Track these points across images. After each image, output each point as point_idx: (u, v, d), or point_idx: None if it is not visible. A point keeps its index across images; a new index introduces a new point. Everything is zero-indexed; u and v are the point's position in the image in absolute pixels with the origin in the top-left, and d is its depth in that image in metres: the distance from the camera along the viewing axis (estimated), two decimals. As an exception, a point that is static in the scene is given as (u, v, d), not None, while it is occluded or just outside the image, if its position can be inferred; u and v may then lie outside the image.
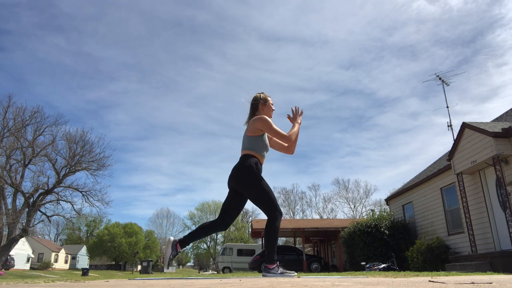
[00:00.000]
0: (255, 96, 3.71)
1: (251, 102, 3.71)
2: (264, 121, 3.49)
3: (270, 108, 3.70)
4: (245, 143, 3.58)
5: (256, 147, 3.51)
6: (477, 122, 10.01)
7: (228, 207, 3.55)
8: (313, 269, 20.61)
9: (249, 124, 3.59)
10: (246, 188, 3.45)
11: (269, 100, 3.70)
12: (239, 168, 3.46)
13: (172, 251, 3.54)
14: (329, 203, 57.80)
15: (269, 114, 3.67)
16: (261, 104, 3.66)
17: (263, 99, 3.68)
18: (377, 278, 3.00)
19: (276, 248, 3.39)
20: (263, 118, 3.51)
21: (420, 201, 13.54)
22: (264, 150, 3.58)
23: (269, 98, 3.71)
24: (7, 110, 23.30)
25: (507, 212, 8.56)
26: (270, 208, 3.39)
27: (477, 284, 1.85)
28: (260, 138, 3.52)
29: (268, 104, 3.68)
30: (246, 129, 3.60)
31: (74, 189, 24.74)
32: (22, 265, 44.08)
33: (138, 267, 52.95)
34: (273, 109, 3.73)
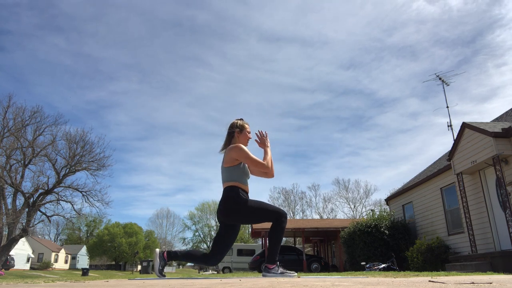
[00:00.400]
0: (232, 123, 3.67)
1: (228, 130, 3.66)
2: (239, 150, 3.43)
3: (246, 136, 3.63)
4: (224, 175, 3.52)
5: (236, 177, 3.45)
6: (477, 122, 10.01)
7: (220, 241, 3.51)
8: (313, 269, 20.60)
9: (224, 154, 3.53)
10: (239, 219, 3.45)
11: (246, 128, 3.64)
12: (224, 203, 3.43)
13: (160, 262, 3.51)
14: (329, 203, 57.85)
15: (245, 143, 3.61)
16: (237, 133, 3.60)
17: (239, 127, 3.62)
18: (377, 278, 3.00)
19: (279, 249, 3.40)
20: (238, 147, 3.44)
21: (420, 201, 13.54)
22: (246, 178, 3.54)
23: (246, 126, 3.66)
24: (7, 110, 23.34)
25: (507, 212, 8.56)
26: (270, 216, 3.39)
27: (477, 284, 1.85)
28: (237, 167, 3.46)
29: (244, 132, 3.62)
30: (223, 160, 3.53)
31: (74, 189, 24.76)
32: (22, 265, 44.08)
33: (138, 267, 52.98)
34: (249, 137, 3.66)
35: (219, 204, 3.51)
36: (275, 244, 3.37)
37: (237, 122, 3.67)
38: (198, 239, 66.11)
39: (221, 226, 3.56)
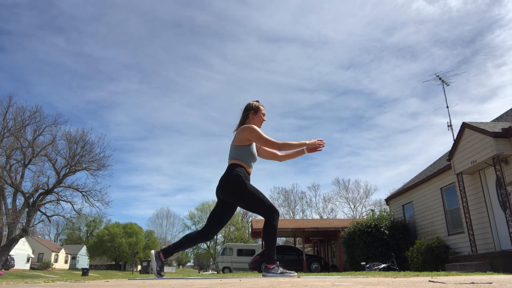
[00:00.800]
0: (247, 104, 3.66)
1: (243, 111, 3.66)
2: (252, 130, 3.41)
3: (261, 118, 3.63)
4: (231, 152, 3.51)
5: (242, 157, 3.45)
6: (477, 122, 10.01)
7: (216, 218, 3.50)
8: (313, 269, 20.60)
9: (236, 133, 3.52)
10: (235, 198, 3.41)
11: (261, 110, 3.64)
12: (225, 178, 3.42)
13: (157, 262, 3.51)
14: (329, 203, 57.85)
15: (258, 124, 3.60)
16: (251, 114, 3.59)
17: (254, 108, 3.61)
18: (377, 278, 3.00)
19: (275, 247, 3.37)
20: (251, 128, 3.43)
21: (420, 201, 13.54)
22: (252, 160, 3.52)
23: (261, 107, 3.65)
24: (7, 110, 23.32)
25: (507, 212, 8.56)
26: (265, 210, 3.36)
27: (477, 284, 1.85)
28: (247, 148, 3.46)
29: (259, 114, 3.61)
30: (233, 139, 3.52)
31: (74, 189, 24.75)
32: (22, 265, 44.07)
33: (138, 267, 52.97)
34: (263, 119, 3.66)
35: (220, 180, 3.47)
36: (271, 243, 3.34)
37: (253, 103, 3.66)
38: (198, 239, 65.92)
39: (218, 202, 3.54)
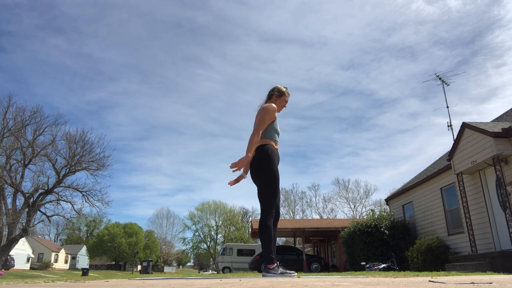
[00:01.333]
0: (274, 87, 3.81)
1: (269, 91, 3.82)
2: (262, 109, 3.58)
3: (282, 103, 3.77)
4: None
5: (267, 134, 3.59)
6: (477, 122, 10.01)
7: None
8: (313, 269, 20.60)
9: (257, 114, 3.66)
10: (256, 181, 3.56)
11: (285, 96, 3.78)
12: (253, 160, 3.53)
13: (278, 271, 3.33)
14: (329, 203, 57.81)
15: (279, 107, 3.75)
16: (275, 96, 3.75)
17: (279, 91, 3.76)
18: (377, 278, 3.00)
19: (272, 246, 3.35)
20: (264, 108, 3.59)
21: (420, 201, 13.54)
22: (275, 135, 3.67)
23: (286, 94, 3.79)
24: (7, 110, 23.32)
25: (507, 212, 8.56)
26: (267, 204, 3.42)
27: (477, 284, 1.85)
28: (270, 125, 3.59)
29: (282, 98, 3.76)
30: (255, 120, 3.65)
31: (74, 189, 24.73)
32: (22, 265, 44.06)
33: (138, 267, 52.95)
34: (285, 105, 3.81)
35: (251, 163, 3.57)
36: (266, 242, 3.35)
37: (280, 87, 3.80)
38: (198, 239, 66.06)
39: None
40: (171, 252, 72.26)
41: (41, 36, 68.65)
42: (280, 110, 3.79)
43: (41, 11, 66.35)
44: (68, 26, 68.47)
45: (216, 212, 64.67)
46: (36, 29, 67.79)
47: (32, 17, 65.43)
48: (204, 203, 65.78)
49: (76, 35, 69.29)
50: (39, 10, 66.18)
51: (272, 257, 3.30)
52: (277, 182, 3.49)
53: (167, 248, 70.73)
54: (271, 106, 3.60)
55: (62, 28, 68.45)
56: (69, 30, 68.74)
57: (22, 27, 64.99)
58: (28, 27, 65.98)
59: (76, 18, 66.84)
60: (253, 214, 65.36)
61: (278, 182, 3.51)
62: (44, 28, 69.14)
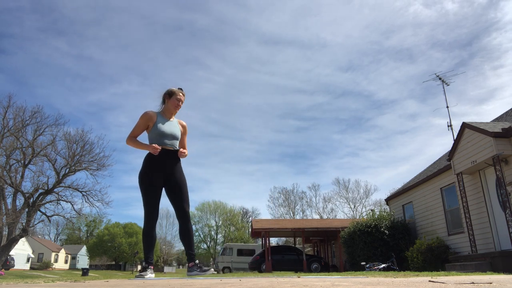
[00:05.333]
0: (166, 90, 3.92)
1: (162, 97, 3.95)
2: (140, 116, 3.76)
3: (174, 102, 3.84)
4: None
5: (148, 140, 3.76)
6: (477, 122, 10.00)
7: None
8: (313, 269, 20.58)
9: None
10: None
11: (175, 94, 3.86)
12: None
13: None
14: (329, 203, 57.72)
15: (173, 107, 3.86)
16: (166, 98, 3.88)
17: (168, 93, 3.87)
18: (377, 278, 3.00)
19: (149, 252, 3.62)
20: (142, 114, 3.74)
21: (420, 201, 13.53)
22: (158, 138, 3.71)
23: (177, 93, 3.87)
24: (7, 110, 23.31)
25: (507, 212, 8.56)
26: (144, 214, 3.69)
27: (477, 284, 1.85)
28: (150, 132, 3.74)
29: (173, 98, 3.85)
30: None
31: (74, 189, 24.73)
32: (22, 265, 44.05)
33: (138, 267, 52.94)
34: (178, 104, 3.88)
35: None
36: (144, 247, 3.67)
37: (170, 89, 3.92)
38: (198, 239, 65.99)
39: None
40: (171, 252, 72.26)
41: (42, 38, 68.79)
42: (176, 110, 3.87)
43: (43, 13, 66.50)
44: (69, 28, 68.55)
45: (216, 212, 64.67)
46: (37, 31, 67.94)
47: (33, 19, 65.61)
48: (204, 203, 65.79)
49: (77, 37, 69.41)
50: (41, 13, 66.33)
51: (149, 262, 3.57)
52: (147, 190, 3.62)
53: (167, 248, 70.70)
54: (143, 113, 3.75)
55: (63, 30, 68.57)
56: (70, 33, 68.85)
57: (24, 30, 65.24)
58: (30, 29, 66.20)
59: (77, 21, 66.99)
60: (253, 214, 65.39)
61: (149, 189, 3.62)
62: (46, 31, 69.26)
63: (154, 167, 3.59)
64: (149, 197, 3.58)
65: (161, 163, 3.62)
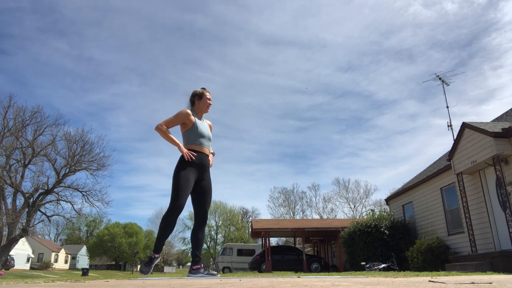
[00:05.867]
0: (192, 92, 3.93)
1: (189, 99, 3.93)
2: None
3: (206, 102, 3.87)
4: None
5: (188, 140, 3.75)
6: (477, 122, 10.00)
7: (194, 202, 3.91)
8: (313, 269, 20.58)
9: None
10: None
11: (204, 95, 3.88)
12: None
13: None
14: (329, 203, 57.70)
15: (205, 107, 3.88)
16: (196, 100, 3.88)
17: (197, 95, 3.88)
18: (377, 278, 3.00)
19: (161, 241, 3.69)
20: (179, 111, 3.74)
21: (420, 201, 13.53)
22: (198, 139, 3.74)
23: (205, 93, 3.89)
24: (7, 110, 23.30)
25: (507, 212, 8.56)
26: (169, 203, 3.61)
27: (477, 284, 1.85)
28: (189, 130, 3.72)
29: (203, 99, 3.86)
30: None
31: (74, 189, 24.71)
32: (22, 265, 44.05)
33: (138, 267, 52.94)
34: (210, 103, 3.90)
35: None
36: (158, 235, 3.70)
37: (197, 90, 3.92)
38: (198, 239, 66.06)
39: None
40: (171, 252, 72.23)
41: (42, 38, 68.80)
42: (208, 109, 3.91)
43: (43, 14, 66.55)
44: (70, 29, 68.61)
45: (216, 212, 64.65)
46: (37, 32, 67.98)
47: (34, 20, 65.69)
48: (204, 203, 65.69)
49: (77, 38, 69.44)
50: (41, 13, 66.37)
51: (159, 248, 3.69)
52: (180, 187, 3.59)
53: (167, 248, 70.70)
54: (183, 110, 3.73)
55: (63, 31, 68.60)
56: (70, 33, 68.90)
57: (24, 30, 65.33)
58: (30, 29, 66.25)
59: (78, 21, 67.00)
60: (253, 214, 65.40)
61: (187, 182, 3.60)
62: (46, 31, 69.29)
63: (193, 164, 3.63)
64: (187, 189, 3.58)
65: (198, 164, 3.68)
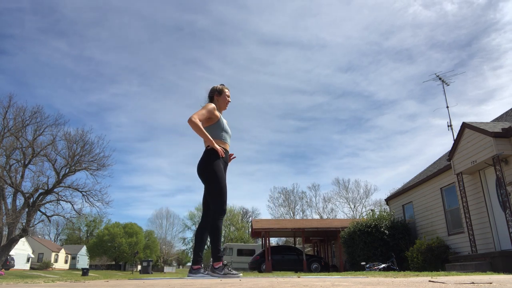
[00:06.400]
0: (211, 88, 3.90)
1: (208, 95, 3.89)
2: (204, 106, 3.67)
3: (225, 99, 3.86)
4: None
5: (214, 134, 3.66)
6: (477, 122, 10.01)
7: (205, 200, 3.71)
8: (313, 269, 20.59)
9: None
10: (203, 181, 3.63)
11: (224, 92, 3.86)
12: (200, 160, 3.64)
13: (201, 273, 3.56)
14: (329, 203, 57.71)
15: (224, 104, 3.86)
16: (216, 95, 3.85)
17: (217, 91, 3.85)
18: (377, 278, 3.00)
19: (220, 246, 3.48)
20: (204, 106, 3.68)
21: (420, 201, 13.54)
22: (222, 134, 3.71)
23: (224, 89, 3.87)
24: (7, 110, 23.29)
25: (507, 212, 8.56)
26: (216, 203, 3.48)
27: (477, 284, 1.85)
28: (215, 125, 3.68)
29: (223, 95, 3.85)
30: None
31: (74, 189, 24.70)
32: (22, 265, 44.05)
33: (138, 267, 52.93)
34: (228, 100, 3.88)
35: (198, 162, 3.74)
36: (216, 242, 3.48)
37: (216, 86, 3.90)
38: (198, 239, 66.11)
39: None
40: (171, 252, 72.24)
41: (43, 39, 68.73)
42: (226, 106, 3.89)
43: (43, 14, 66.53)
44: (70, 29, 68.62)
45: (216, 212, 64.64)
46: (38, 32, 67.95)
47: (34, 20, 65.68)
48: (204, 203, 65.74)
49: (78, 38, 69.46)
50: (41, 13, 66.36)
51: (219, 256, 3.48)
52: (224, 190, 3.53)
53: (167, 248, 70.70)
54: (211, 104, 3.69)
55: (64, 31, 68.58)
56: (70, 34, 68.92)
57: (24, 30, 65.34)
58: (30, 30, 66.23)
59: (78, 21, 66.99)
60: (253, 214, 65.41)
61: (225, 189, 3.54)
62: (46, 32, 69.27)
63: (221, 161, 3.61)
64: (224, 184, 3.54)
65: (225, 161, 3.68)
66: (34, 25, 65.85)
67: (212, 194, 3.50)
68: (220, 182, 3.49)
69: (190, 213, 67.06)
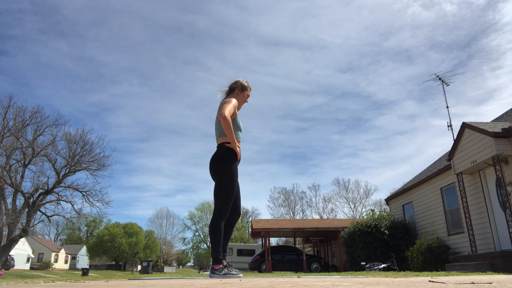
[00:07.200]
0: (237, 80, 3.73)
1: (230, 85, 3.71)
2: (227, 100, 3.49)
3: (244, 98, 3.70)
4: (219, 129, 3.51)
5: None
6: (477, 122, 10.01)
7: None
8: (313, 269, 20.58)
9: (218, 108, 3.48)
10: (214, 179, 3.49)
11: (247, 90, 3.71)
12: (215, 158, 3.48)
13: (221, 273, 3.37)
14: (329, 203, 57.69)
15: (241, 102, 3.68)
16: (238, 89, 3.68)
17: (241, 85, 3.69)
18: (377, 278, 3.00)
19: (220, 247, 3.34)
20: (229, 99, 3.50)
21: (420, 201, 13.54)
22: (237, 132, 3.53)
23: (249, 88, 3.72)
24: (7, 110, 23.29)
25: (507, 212, 8.56)
26: (218, 204, 3.38)
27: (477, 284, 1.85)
28: (232, 122, 3.48)
29: (244, 93, 3.69)
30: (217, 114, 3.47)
31: (74, 189, 24.71)
32: (22, 265, 44.05)
33: (138, 267, 52.92)
34: (246, 100, 3.73)
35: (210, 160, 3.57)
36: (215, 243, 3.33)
37: (242, 81, 3.73)
38: (198, 239, 66.19)
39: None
40: (171, 252, 72.25)
41: (43, 40, 68.82)
42: (241, 106, 3.71)
43: (44, 15, 66.64)
44: (70, 30, 68.82)
45: (216, 212, 64.62)
46: (38, 33, 68.01)
47: (34, 21, 65.77)
48: (204, 203, 65.85)
49: (78, 38, 69.62)
50: (42, 14, 66.46)
51: (219, 258, 3.31)
52: (232, 192, 3.41)
53: (167, 248, 70.71)
54: (234, 99, 3.51)
55: (64, 32, 68.74)
56: (71, 34, 69.06)
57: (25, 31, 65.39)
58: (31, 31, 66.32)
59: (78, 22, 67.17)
60: (253, 214, 65.39)
61: (234, 191, 3.42)
62: (47, 32, 69.38)
63: (237, 162, 3.48)
64: (235, 191, 3.42)
65: (239, 161, 3.55)
66: (35, 25, 66.04)
67: (220, 196, 3.39)
68: (231, 188, 3.37)
69: (190, 213, 67.13)
